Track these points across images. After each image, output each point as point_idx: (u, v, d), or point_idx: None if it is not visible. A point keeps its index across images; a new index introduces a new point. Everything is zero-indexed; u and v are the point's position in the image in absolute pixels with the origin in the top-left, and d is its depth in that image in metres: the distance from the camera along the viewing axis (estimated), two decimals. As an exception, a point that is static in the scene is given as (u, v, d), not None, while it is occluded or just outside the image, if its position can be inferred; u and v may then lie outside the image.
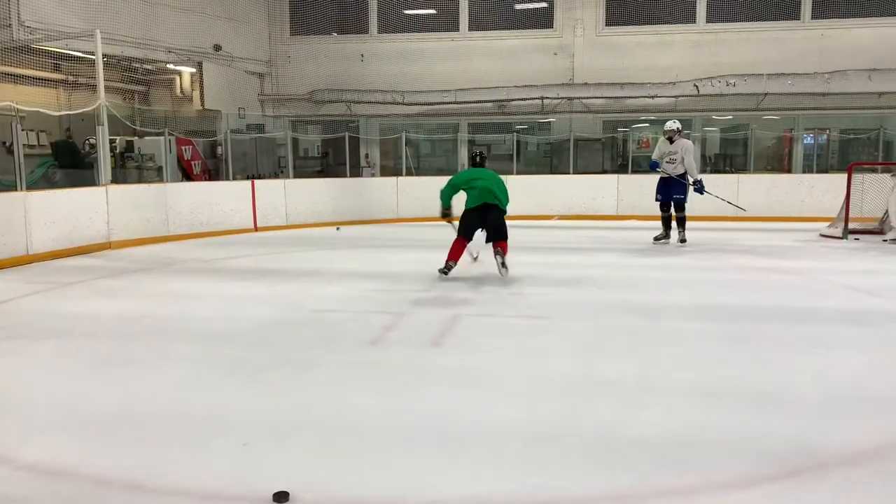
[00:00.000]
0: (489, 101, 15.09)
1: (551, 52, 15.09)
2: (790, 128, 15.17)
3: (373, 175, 15.96)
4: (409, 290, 6.77)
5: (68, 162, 12.18)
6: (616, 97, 14.69)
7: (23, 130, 9.50)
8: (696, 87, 14.21)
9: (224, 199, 11.80)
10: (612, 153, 15.82)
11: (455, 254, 7.34)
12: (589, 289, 6.90)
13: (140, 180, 12.15)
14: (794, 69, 13.98)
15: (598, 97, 14.82)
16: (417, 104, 15.27)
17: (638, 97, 14.60)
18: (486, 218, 7.34)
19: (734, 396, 3.83)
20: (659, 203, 9.98)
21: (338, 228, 9.65)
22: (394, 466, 2.99)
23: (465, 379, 4.16)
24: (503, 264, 7.24)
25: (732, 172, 14.89)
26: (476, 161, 8.01)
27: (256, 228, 12.13)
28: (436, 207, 7.75)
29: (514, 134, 14.98)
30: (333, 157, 15.60)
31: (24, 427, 3.46)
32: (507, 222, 7.47)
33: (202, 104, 14.00)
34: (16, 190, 8.61)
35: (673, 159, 9.72)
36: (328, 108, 15.81)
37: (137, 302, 6.42)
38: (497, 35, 15.24)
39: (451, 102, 15.11)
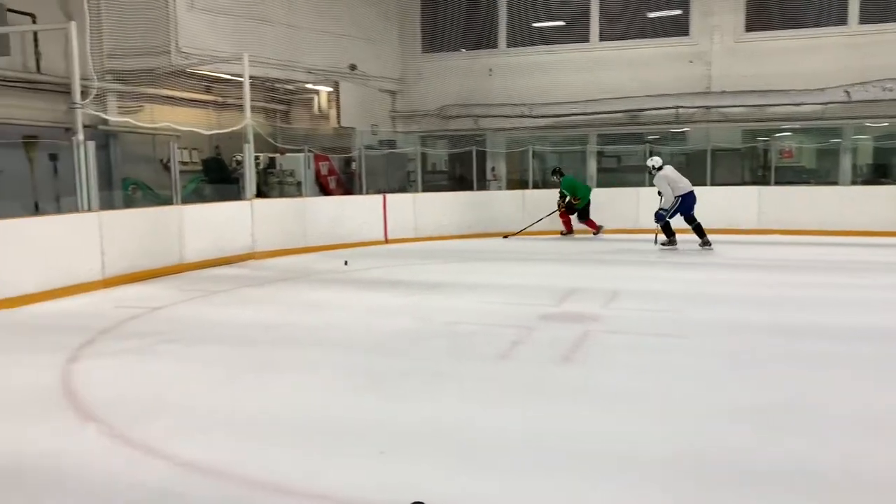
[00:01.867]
0: (620, 112, 14.76)
1: (686, 59, 14.56)
2: (958, 134, 13.82)
3: (499, 188, 16.00)
4: (536, 304, 6.71)
5: (217, 177, 13.05)
6: (757, 105, 13.95)
7: (178, 149, 10.28)
8: (848, 92, 13.25)
9: (357, 212, 12.24)
10: (752, 164, 15.04)
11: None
12: (727, 307, 6.57)
13: (281, 195, 12.81)
14: (964, 70, 12.75)
15: (737, 106, 14.14)
16: (545, 116, 15.18)
17: (781, 105, 13.80)
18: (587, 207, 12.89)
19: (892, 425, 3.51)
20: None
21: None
22: (528, 484, 2.96)
23: (598, 397, 4.06)
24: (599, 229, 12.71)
25: (890, 183, 13.74)
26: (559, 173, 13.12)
27: (387, 240, 12.47)
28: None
29: (647, 145, 14.57)
30: (460, 170, 15.80)
31: (182, 426, 3.71)
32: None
33: (338, 122, 14.59)
34: (172, 204, 9.32)
35: (659, 193, 10.61)
36: (456, 122, 16.04)
37: (279, 310, 6.76)
38: (629, 44, 14.89)
39: (580, 114, 14.91)
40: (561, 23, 15.43)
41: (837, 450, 3.25)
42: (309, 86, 14.47)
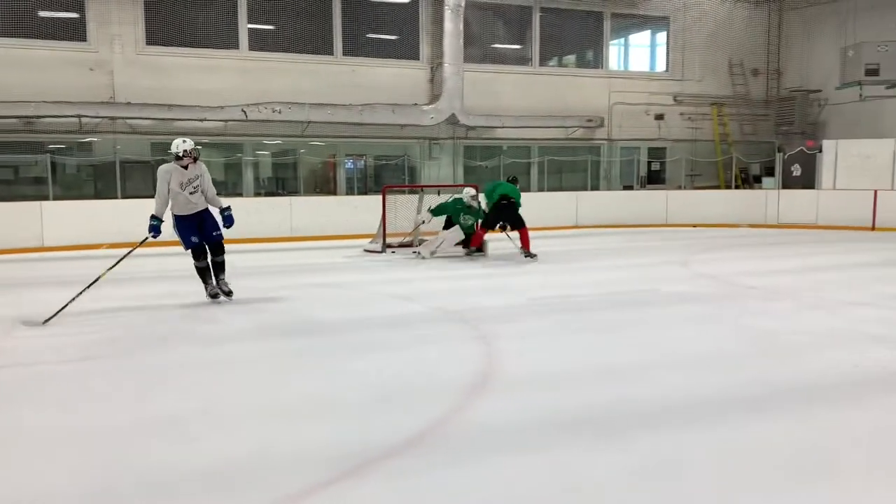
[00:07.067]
0: (14, 118, 13.13)
1: (87, 67, 13.81)
2: (334, 153, 16.46)
3: None
4: None
5: None
6: (163, 119, 14.08)
7: None
8: (245, 112, 14.48)
9: None
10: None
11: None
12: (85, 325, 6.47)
13: None
14: (333, 100, 15.21)
15: (143, 118, 14.02)
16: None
17: (186, 120, 14.24)
18: None
19: (297, 409, 3.98)
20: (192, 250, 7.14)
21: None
22: None
23: None
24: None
25: (285, 195, 15.59)
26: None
27: None
28: None
29: (48, 154, 13.31)
30: None
31: None
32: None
33: None
34: None
35: (196, 188, 7.17)
36: None
37: None
38: (21, 43, 13.31)
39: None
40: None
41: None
42: None
